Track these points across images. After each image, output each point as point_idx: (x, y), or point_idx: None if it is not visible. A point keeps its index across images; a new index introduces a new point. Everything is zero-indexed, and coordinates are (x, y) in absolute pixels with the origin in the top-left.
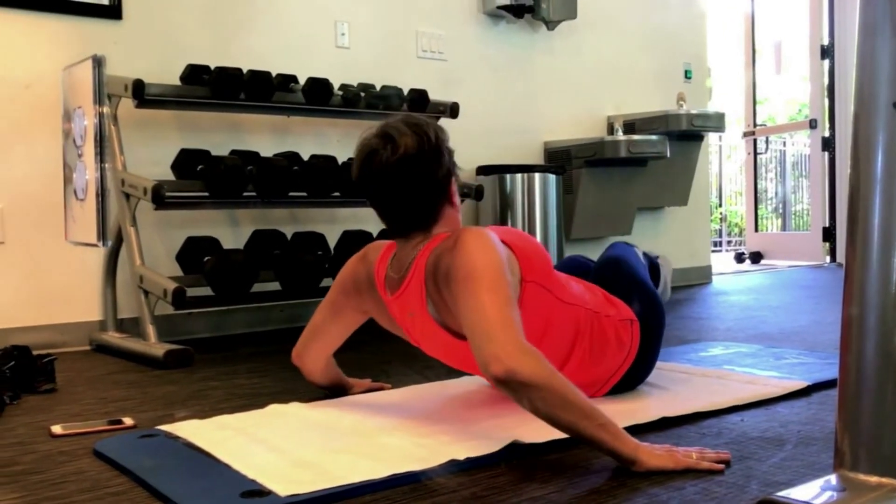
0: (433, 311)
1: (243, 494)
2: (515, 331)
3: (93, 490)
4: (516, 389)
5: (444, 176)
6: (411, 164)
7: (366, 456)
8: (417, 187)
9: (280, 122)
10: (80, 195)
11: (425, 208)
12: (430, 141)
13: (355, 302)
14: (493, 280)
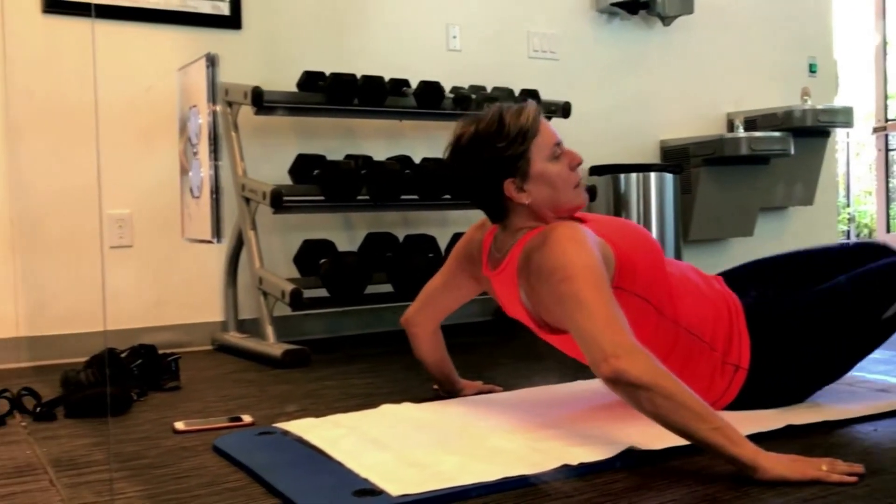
0: (526, 300)
1: (356, 493)
2: (621, 329)
3: (212, 485)
4: (626, 390)
5: (485, 173)
6: (461, 153)
7: (477, 458)
8: (465, 176)
9: (392, 125)
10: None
11: (482, 199)
12: (483, 134)
13: (469, 269)
14: (592, 279)
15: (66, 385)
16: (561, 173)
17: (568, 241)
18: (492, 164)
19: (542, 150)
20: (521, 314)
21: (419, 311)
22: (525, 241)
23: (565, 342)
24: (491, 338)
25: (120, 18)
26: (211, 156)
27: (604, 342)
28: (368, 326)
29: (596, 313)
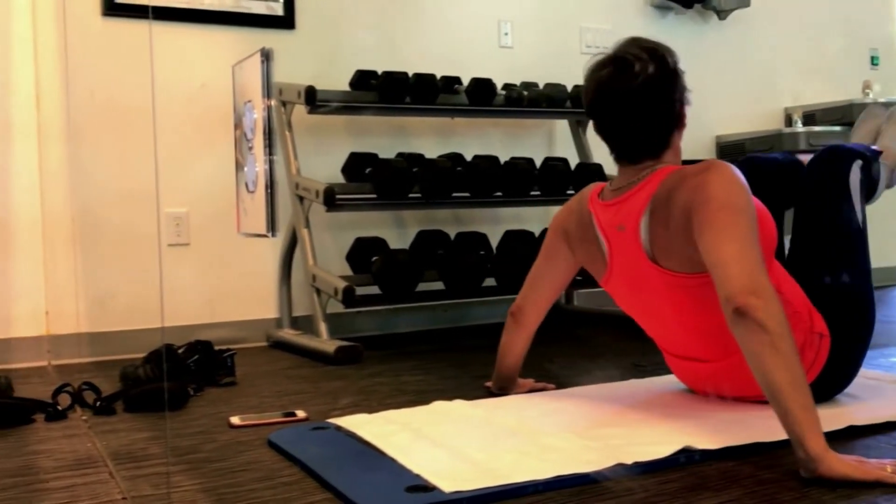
0: (644, 230)
1: (408, 489)
2: (765, 273)
3: (267, 479)
4: (750, 327)
5: (680, 99)
6: (653, 89)
7: (530, 456)
8: (656, 112)
9: (444, 123)
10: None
11: (661, 133)
12: (667, 64)
13: (566, 242)
14: (749, 218)
15: (125, 380)
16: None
17: (732, 175)
18: (683, 89)
19: None
20: (630, 255)
21: (526, 297)
22: (664, 174)
23: (657, 291)
24: (544, 336)
25: (176, 20)
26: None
27: (747, 276)
28: (420, 324)
29: (745, 249)
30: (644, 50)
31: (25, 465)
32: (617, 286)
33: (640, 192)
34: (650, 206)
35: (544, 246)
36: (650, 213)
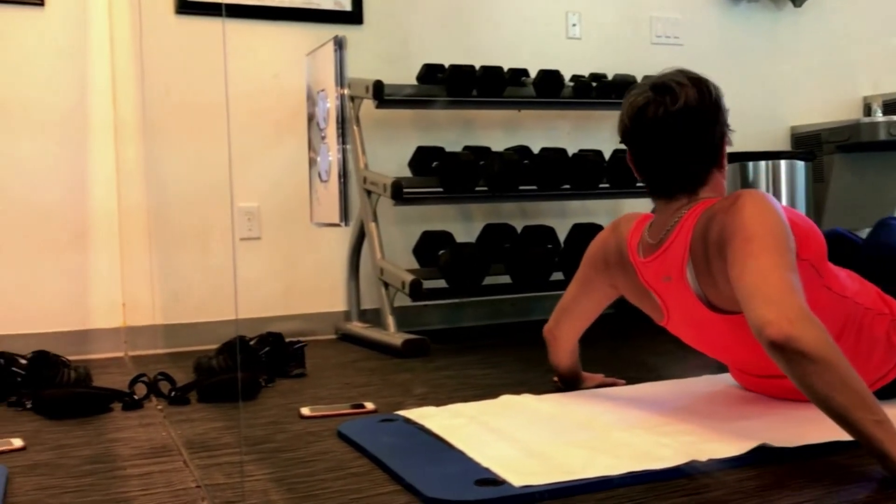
0: (692, 278)
1: (478, 482)
2: (798, 297)
3: (337, 470)
4: (791, 359)
5: (719, 135)
6: (691, 117)
7: (602, 451)
8: (693, 143)
9: (511, 116)
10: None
11: (697, 167)
12: (710, 95)
13: (604, 276)
14: (777, 243)
15: (199, 371)
16: None
17: (758, 203)
18: (724, 123)
19: None
20: (682, 302)
21: (559, 323)
22: (701, 210)
23: (720, 332)
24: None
25: (247, 17)
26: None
27: (778, 305)
28: (487, 318)
29: (772, 274)
30: (687, 78)
31: (104, 452)
32: (679, 330)
33: (676, 239)
34: (690, 253)
35: (579, 276)
36: (692, 261)
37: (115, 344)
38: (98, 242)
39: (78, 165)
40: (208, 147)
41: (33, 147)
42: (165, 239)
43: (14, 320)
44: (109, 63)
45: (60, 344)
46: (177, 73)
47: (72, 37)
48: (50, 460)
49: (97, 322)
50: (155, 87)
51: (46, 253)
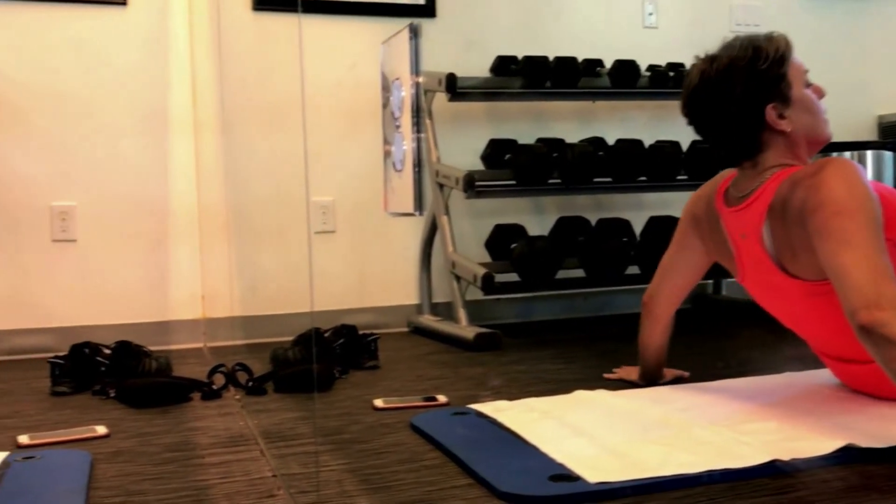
0: (768, 241)
1: (552, 478)
2: (890, 279)
3: (410, 462)
4: (879, 344)
5: (745, 99)
6: (712, 85)
7: (680, 448)
8: (718, 109)
9: (585, 107)
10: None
11: (737, 133)
12: (740, 60)
13: (696, 230)
14: (868, 220)
15: (275, 362)
16: (816, 100)
17: (845, 174)
18: (754, 88)
19: (797, 74)
20: (756, 262)
21: (659, 287)
22: (784, 176)
23: (791, 298)
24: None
25: (323, 12)
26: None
27: (869, 288)
28: (559, 312)
29: (865, 256)
30: (739, 43)
31: (184, 440)
32: (753, 289)
33: (757, 200)
34: (768, 216)
35: (676, 235)
36: (769, 223)
37: (195, 335)
38: (179, 236)
39: (160, 161)
40: (284, 142)
41: (117, 144)
42: (243, 232)
43: (99, 311)
44: (189, 61)
45: (143, 334)
46: (253, 69)
47: (153, 35)
48: (132, 448)
49: (178, 314)
50: (232, 83)
51: (130, 246)
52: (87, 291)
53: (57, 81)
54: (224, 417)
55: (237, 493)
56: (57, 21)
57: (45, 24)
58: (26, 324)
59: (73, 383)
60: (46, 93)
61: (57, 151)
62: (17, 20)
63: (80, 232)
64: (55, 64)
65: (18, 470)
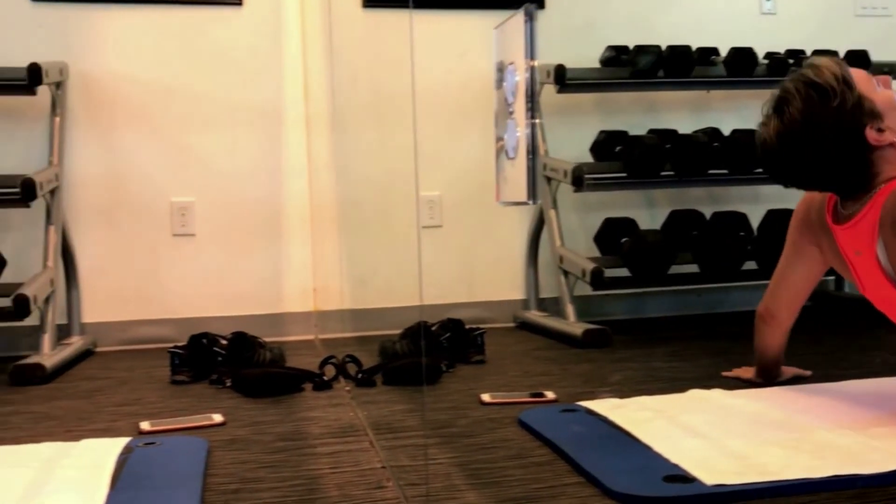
0: (883, 257)
1: (666, 478)
2: None
3: (518, 458)
4: None
5: (842, 139)
6: (799, 143)
7: (803, 452)
8: (818, 160)
9: (699, 97)
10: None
11: (848, 170)
12: (814, 108)
13: (810, 235)
14: None
15: (384, 354)
16: (893, 95)
17: None
18: (844, 126)
19: (866, 84)
20: (874, 279)
21: (774, 297)
22: (889, 189)
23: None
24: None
25: (433, 7)
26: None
27: None
28: (672, 309)
29: None
30: (800, 87)
31: (296, 430)
32: (875, 302)
33: (866, 216)
34: (882, 229)
35: (789, 243)
36: (882, 239)
37: (307, 327)
38: (292, 231)
39: (273, 157)
40: (393, 137)
41: (233, 141)
42: (352, 227)
43: (216, 303)
44: (301, 59)
45: (257, 326)
46: (363, 65)
47: (267, 34)
48: (246, 436)
49: (290, 306)
50: (343, 79)
51: (245, 241)
52: (205, 284)
53: (176, 81)
54: (335, 408)
55: (347, 484)
56: (175, 22)
57: (165, 25)
58: (148, 315)
59: (191, 372)
60: (166, 92)
61: (176, 149)
62: (137, 22)
63: (199, 227)
64: (174, 64)
65: (140, 455)
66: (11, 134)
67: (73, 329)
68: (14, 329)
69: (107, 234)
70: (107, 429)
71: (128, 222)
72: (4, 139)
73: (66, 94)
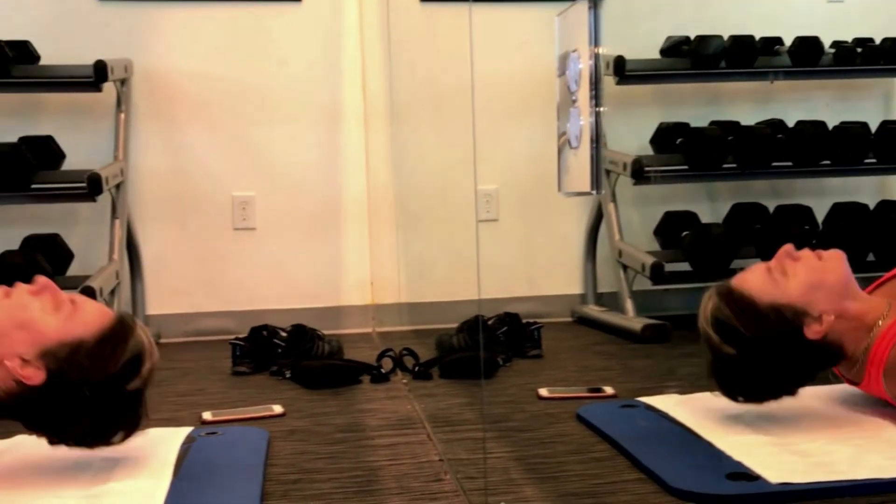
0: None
1: (729, 476)
2: None
3: (578, 453)
4: None
5: (791, 349)
6: (754, 366)
7: (872, 451)
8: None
9: (762, 88)
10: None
11: (810, 371)
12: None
13: None
14: None
15: (440, 348)
16: (808, 267)
17: None
18: (781, 345)
19: (770, 287)
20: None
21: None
22: (882, 347)
23: None
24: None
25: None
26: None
27: None
28: None
29: None
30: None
31: (354, 421)
32: None
33: (870, 386)
34: (886, 387)
35: None
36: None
37: (364, 320)
38: (350, 224)
39: (332, 152)
40: (449, 131)
41: (293, 135)
42: (409, 221)
43: (276, 296)
44: (360, 54)
45: (316, 319)
46: (421, 59)
47: (326, 30)
48: (306, 427)
49: (348, 299)
50: (401, 74)
51: (305, 235)
52: (265, 277)
53: (237, 77)
54: (392, 400)
55: (405, 476)
56: (235, 19)
57: (225, 22)
58: (210, 307)
59: (251, 364)
60: (227, 88)
61: (237, 144)
62: (198, 19)
63: (259, 220)
64: (235, 60)
65: (202, 444)
66: (78, 130)
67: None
68: None
69: (170, 228)
70: (170, 418)
71: (190, 216)
72: (72, 135)
73: (131, 91)
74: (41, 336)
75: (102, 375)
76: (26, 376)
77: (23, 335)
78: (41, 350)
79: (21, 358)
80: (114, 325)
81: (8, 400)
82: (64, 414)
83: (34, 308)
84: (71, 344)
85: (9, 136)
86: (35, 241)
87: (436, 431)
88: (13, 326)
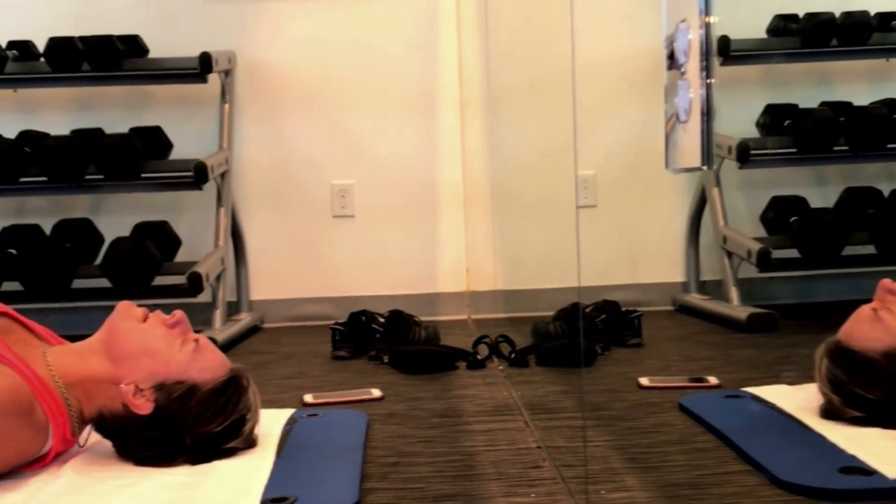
0: None
1: (842, 470)
2: None
3: (680, 443)
4: None
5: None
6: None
7: None
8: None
9: (877, 66)
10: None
11: None
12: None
13: None
14: None
15: (537, 335)
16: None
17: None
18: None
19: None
20: None
21: None
22: None
23: None
24: None
25: None
26: (702, 74)
27: None
28: (844, 293)
29: None
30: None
31: (451, 407)
32: None
33: None
34: None
35: None
36: None
37: (459, 307)
38: (446, 212)
39: (428, 139)
40: (547, 116)
41: (390, 124)
42: (505, 208)
43: (374, 282)
44: (456, 40)
45: (412, 305)
46: (519, 44)
47: (423, 19)
48: (403, 411)
49: (444, 286)
50: (498, 60)
51: (402, 222)
52: (363, 264)
53: (336, 67)
54: (488, 387)
55: (503, 462)
56: (334, 9)
57: (324, 13)
58: (311, 293)
59: (350, 348)
60: (326, 78)
61: (336, 133)
62: (298, 11)
63: (358, 208)
64: (334, 50)
65: (304, 425)
66: (185, 120)
67: (242, 306)
68: (189, 305)
69: (272, 216)
70: (273, 400)
71: (291, 204)
72: (178, 126)
73: (234, 82)
74: (163, 369)
75: (206, 431)
76: (136, 404)
77: (146, 363)
78: (157, 382)
79: (136, 386)
80: (229, 378)
81: (109, 419)
82: (157, 451)
83: (165, 340)
84: (186, 385)
85: (120, 127)
86: (145, 227)
87: (533, 418)
88: (141, 352)
